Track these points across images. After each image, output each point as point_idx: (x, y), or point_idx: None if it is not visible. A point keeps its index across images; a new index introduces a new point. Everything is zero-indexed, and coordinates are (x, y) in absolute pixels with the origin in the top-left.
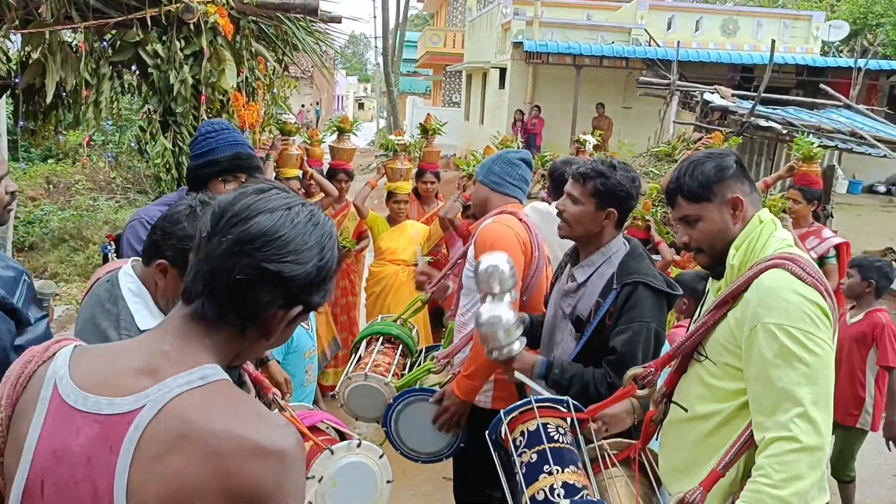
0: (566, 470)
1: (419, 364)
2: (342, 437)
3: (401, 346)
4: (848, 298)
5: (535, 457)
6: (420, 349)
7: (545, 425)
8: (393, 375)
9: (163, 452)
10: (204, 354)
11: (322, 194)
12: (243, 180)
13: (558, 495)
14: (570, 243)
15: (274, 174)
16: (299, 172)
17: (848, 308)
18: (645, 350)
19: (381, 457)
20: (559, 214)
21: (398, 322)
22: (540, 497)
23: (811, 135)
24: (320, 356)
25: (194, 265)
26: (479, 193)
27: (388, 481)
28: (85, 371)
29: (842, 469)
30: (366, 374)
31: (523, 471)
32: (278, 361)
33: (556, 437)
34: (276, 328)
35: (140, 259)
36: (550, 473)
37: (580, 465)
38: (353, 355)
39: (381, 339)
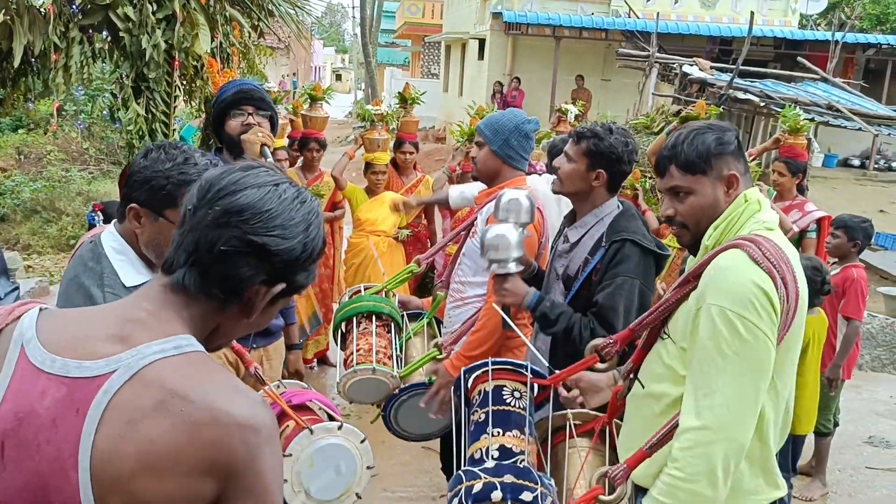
0: (508, 433)
1: (405, 332)
2: (331, 419)
3: (392, 324)
4: (833, 257)
5: (482, 417)
6: (402, 314)
7: (500, 388)
8: (388, 359)
9: (137, 419)
10: (179, 325)
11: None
12: (250, 112)
13: (491, 456)
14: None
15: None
16: (285, 142)
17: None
18: (627, 305)
19: (362, 441)
20: (554, 171)
21: (383, 294)
22: (477, 456)
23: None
24: (299, 331)
25: (178, 238)
26: (489, 163)
27: (368, 467)
28: (53, 333)
29: (819, 420)
30: (374, 368)
31: (471, 429)
32: None
33: (507, 401)
34: (257, 305)
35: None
36: (491, 435)
37: (527, 430)
38: (342, 333)
39: (374, 317)
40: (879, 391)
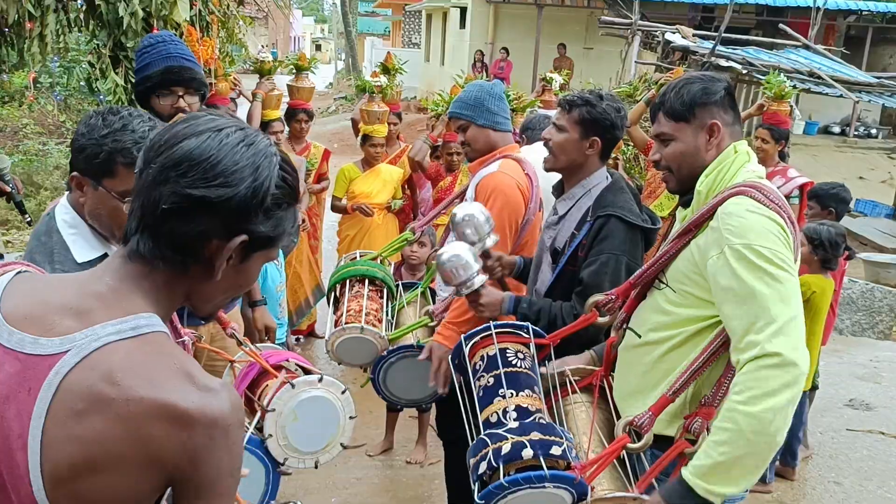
0: (521, 394)
1: (398, 300)
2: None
3: (385, 289)
4: None
5: (491, 381)
6: (397, 283)
7: (504, 350)
8: (379, 322)
9: (81, 410)
10: (140, 300)
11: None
12: (181, 94)
13: (510, 417)
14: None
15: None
16: (281, 114)
17: None
18: (613, 281)
19: (343, 392)
20: (545, 144)
21: (378, 260)
22: (493, 420)
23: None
24: (303, 304)
25: (132, 205)
26: (480, 138)
27: (350, 417)
28: (16, 304)
29: None
30: (362, 326)
31: (480, 394)
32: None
33: (514, 362)
34: (218, 262)
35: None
36: (504, 397)
37: (537, 389)
38: (335, 296)
39: (367, 281)
40: (859, 355)
